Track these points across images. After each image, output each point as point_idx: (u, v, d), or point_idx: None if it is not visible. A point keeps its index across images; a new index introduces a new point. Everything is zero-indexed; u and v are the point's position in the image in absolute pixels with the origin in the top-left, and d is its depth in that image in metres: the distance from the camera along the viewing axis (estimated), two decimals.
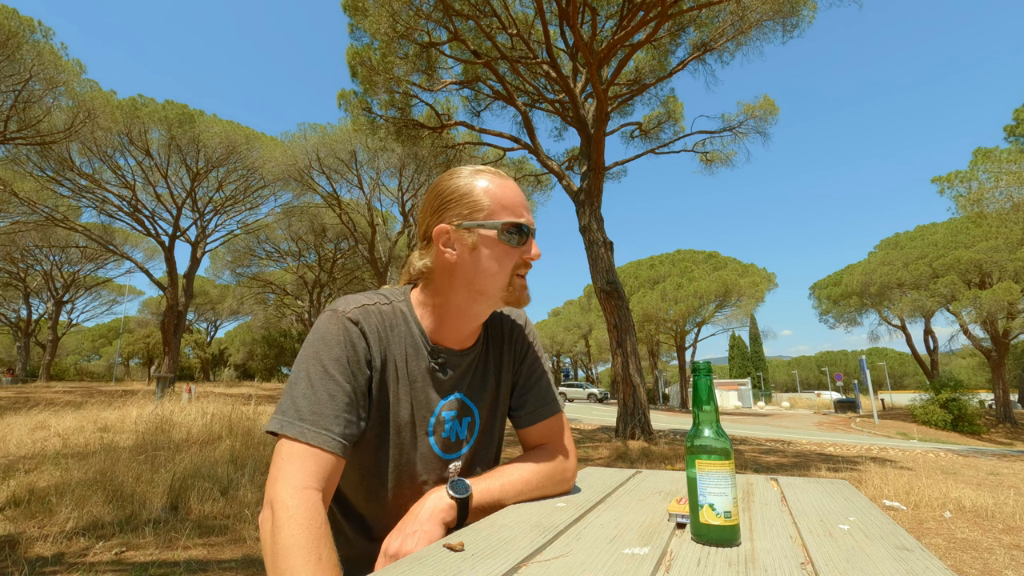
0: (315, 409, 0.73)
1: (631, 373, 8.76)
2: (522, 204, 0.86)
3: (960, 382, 22.18)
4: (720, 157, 12.49)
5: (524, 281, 0.88)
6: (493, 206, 0.84)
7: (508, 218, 0.83)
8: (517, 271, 0.86)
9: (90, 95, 14.22)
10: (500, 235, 0.83)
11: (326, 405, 0.74)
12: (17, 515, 3.12)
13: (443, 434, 0.89)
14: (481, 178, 0.85)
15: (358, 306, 0.83)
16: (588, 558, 0.60)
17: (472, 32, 9.55)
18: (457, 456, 0.91)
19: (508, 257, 0.84)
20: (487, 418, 0.95)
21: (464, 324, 0.89)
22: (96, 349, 47.90)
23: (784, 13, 9.17)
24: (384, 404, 0.84)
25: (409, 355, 0.86)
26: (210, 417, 6.43)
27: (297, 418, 0.72)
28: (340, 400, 0.75)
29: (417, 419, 0.86)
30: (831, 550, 0.62)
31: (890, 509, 4.09)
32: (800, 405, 43.24)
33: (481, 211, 0.83)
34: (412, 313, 0.89)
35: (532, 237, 0.87)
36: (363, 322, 0.81)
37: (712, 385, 0.71)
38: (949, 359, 51.05)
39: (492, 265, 0.84)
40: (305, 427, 0.72)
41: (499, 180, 0.86)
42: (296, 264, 24.79)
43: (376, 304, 0.85)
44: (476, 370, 0.94)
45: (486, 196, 0.84)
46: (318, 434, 0.72)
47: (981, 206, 12.96)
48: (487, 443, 0.96)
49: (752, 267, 28.74)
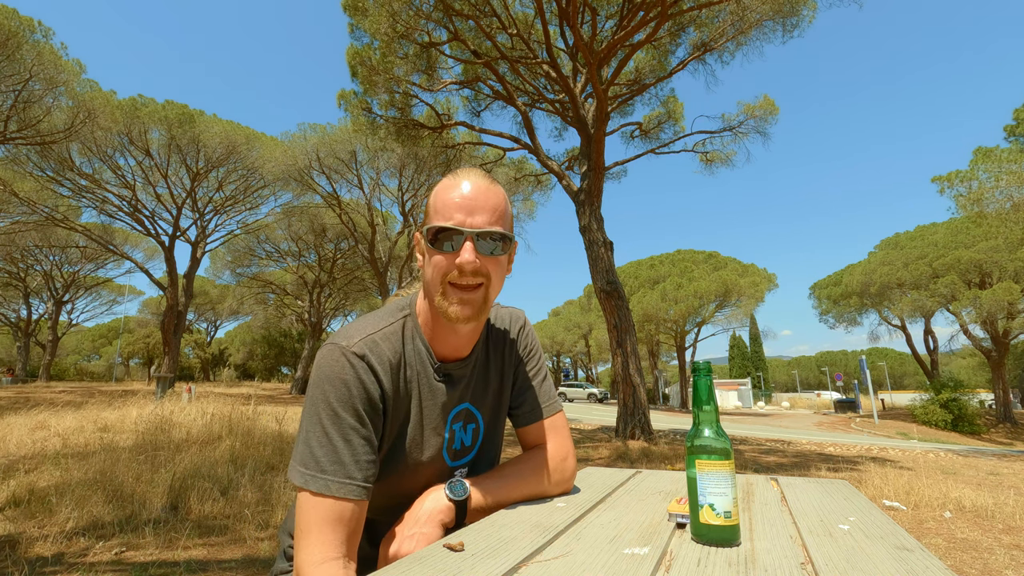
0: (334, 459, 0.72)
1: (631, 373, 8.76)
2: (459, 206, 0.78)
3: (960, 382, 22.18)
4: (720, 157, 12.49)
5: (462, 293, 0.79)
6: (433, 209, 0.80)
7: (435, 222, 0.78)
8: (450, 279, 0.78)
9: (90, 95, 14.21)
10: (429, 242, 0.79)
11: (344, 453, 0.72)
12: (17, 515, 3.12)
13: (453, 445, 0.89)
14: (444, 180, 0.82)
15: (363, 337, 0.79)
16: (588, 558, 0.60)
17: (472, 32, 9.54)
18: (463, 463, 0.91)
19: (437, 265, 0.78)
20: (489, 422, 0.95)
21: (447, 335, 0.85)
22: (96, 349, 47.90)
23: (784, 13, 9.17)
24: (400, 428, 0.83)
25: (420, 375, 0.84)
26: (210, 417, 6.43)
27: (319, 470, 0.71)
28: (357, 444, 0.73)
29: (432, 439, 0.85)
30: (831, 550, 0.62)
31: (890, 509, 4.09)
32: (800, 405, 43.24)
33: (427, 216, 0.81)
34: (417, 326, 0.86)
35: (471, 241, 0.77)
36: (369, 355, 0.78)
37: (712, 385, 0.71)
38: (949, 359, 51.02)
39: (427, 271, 0.81)
40: (328, 480, 0.71)
41: (450, 182, 0.81)
42: (296, 264, 24.77)
43: (382, 330, 0.82)
44: (478, 376, 0.93)
45: (433, 200, 0.81)
46: (342, 485, 0.71)
47: (981, 206, 12.95)
48: (490, 447, 0.96)
49: (752, 267, 28.74)
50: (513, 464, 0.91)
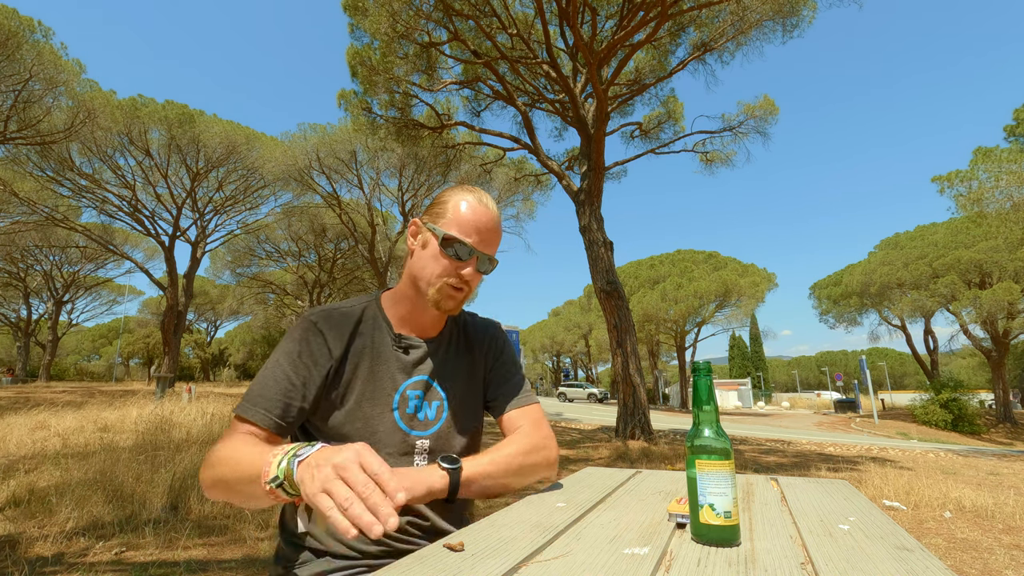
0: (260, 392, 0.86)
1: (631, 373, 8.76)
2: (477, 229, 0.93)
3: (960, 382, 22.19)
4: (720, 157, 12.49)
5: (455, 292, 0.95)
6: (453, 218, 0.94)
7: (455, 233, 0.93)
8: (449, 282, 0.94)
9: (90, 95, 14.21)
10: (442, 242, 0.93)
11: (269, 389, 0.86)
12: (17, 515, 3.12)
13: (407, 410, 0.95)
14: (467, 195, 0.96)
15: (321, 310, 0.96)
16: (588, 558, 0.60)
17: (472, 32, 9.54)
18: (424, 435, 0.96)
19: (442, 265, 0.94)
20: (457, 406, 1.01)
21: (419, 313, 0.99)
22: (96, 349, 47.92)
23: (784, 13, 9.17)
24: (350, 384, 0.93)
25: (376, 342, 0.97)
26: (210, 417, 6.44)
27: (247, 400, 0.86)
28: (282, 386, 0.87)
29: (380, 395, 0.94)
30: (831, 550, 0.62)
31: (890, 509, 4.09)
32: (800, 405, 43.23)
33: (443, 218, 0.95)
34: (380, 309, 1.01)
35: (475, 260, 0.94)
36: (321, 322, 0.93)
37: (712, 385, 0.71)
38: (949, 359, 51.05)
39: (428, 263, 0.94)
40: (247, 406, 0.85)
41: (475, 203, 0.95)
42: (296, 264, 24.77)
43: (340, 309, 0.97)
44: (445, 358, 1.03)
45: (454, 209, 0.95)
46: (255, 412, 0.84)
47: (981, 206, 12.95)
48: (458, 429, 1.00)
49: (752, 267, 28.75)
50: (499, 443, 0.97)
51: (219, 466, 0.78)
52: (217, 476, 0.78)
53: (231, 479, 0.76)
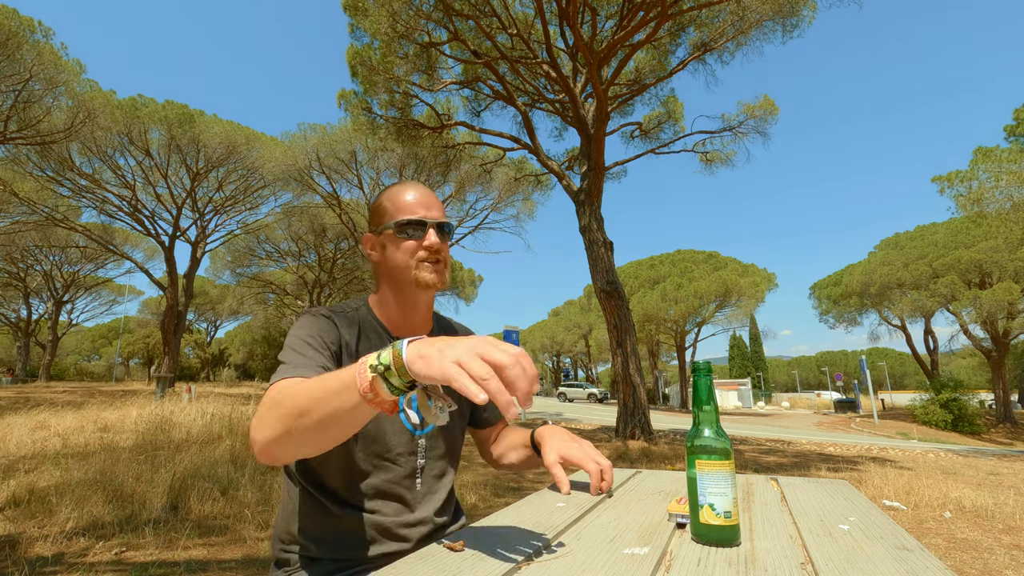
0: (295, 362, 0.83)
1: (631, 373, 8.76)
2: (418, 202, 0.97)
3: (960, 382, 22.19)
4: (720, 157, 12.49)
5: (430, 265, 0.97)
6: (391, 209, 0.98)
7: (401, 216, 0.96)
8: (419, 259, 0.97)
9: (90, 95, 14.20)
10: (397, 232, 0.96)
11: (303, 358, 0.84)
12: (17, 515, 3.12)
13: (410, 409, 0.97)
14: (394, 187, 1.01)
15: (325, 308, 0.98)
16: (588, 558, 0.60)
17: (472, 32, 9.54)
18: (422, 435, 0.98)
19: (407, 249, 0.96)
20: None
21: (409, 312, 1.01)
22: (96, 349, 47.90)
23: (784, 13, 9.17)
24: None
25: (376, 345, 0.97)
26: (210, 417, 6.43)
27: (289, 366, 0.82)
28: (313, 356, 0.86)
29: None
30: (831, 550, 0.62)
31: (890, 509, 4.09)
32: (800, 405, 43.23)
33: (386, 215, 0.98)
34: (372, 313, 1.03)
35: (432, 228, 0.97)
36: (334, 316, 0.96)
37: (712, 385, 0.71)
38: (949, 359, 51.07)
39: (397, 257, 0.97)
40: (289, 368, 0.81)
41: (404, 187, 1.00)
42: (296, 264, 24.76)
43: (343, 310, 1.00)
44: None
45: (390, 202, 0.99)
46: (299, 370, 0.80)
47: (981, 206, 12.95)
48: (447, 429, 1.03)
49: (752, 267, 28.75)
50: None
51: (290, 399, 0.68)
52: (291, 408, 0.67)
53: (312, 399, 0.65)
